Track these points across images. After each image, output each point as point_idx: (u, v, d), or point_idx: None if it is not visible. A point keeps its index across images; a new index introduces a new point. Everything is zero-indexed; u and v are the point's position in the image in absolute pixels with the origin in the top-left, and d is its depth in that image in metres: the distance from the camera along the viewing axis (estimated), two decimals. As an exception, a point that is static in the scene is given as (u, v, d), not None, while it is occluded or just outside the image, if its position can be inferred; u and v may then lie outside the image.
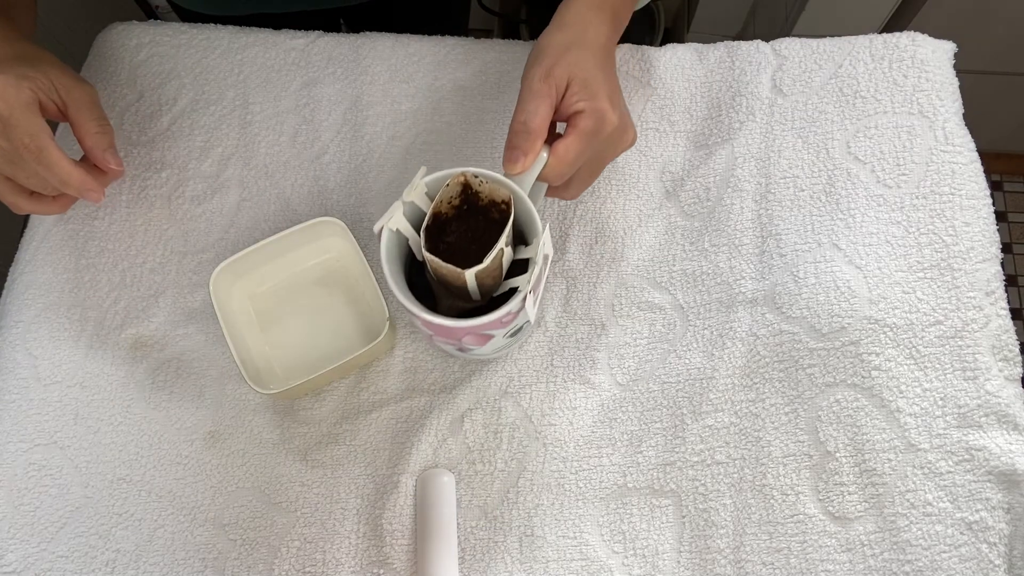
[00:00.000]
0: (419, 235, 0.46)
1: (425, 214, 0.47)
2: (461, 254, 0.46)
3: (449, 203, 0.47)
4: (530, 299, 0.46)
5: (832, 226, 0.58)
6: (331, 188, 0.63)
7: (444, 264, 0.44)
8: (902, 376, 0.54)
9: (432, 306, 0.48)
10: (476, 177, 0.47)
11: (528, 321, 0.53)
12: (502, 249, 0.45)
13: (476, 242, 0.47)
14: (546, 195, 0.52)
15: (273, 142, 0.65)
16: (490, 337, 0.50)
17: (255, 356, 0.57)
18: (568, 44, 0.49)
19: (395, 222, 0.47)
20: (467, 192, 0.48)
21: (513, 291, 0.48)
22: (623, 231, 0.61)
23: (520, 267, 0.49)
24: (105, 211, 0.63)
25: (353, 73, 0.67)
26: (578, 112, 0.48)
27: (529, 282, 0.45)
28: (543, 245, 0.45)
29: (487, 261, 0.44)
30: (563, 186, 0.51)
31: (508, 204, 0.46)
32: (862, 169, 0.60)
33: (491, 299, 0.50)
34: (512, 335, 0.52)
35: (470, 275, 0.45)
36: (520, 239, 0.49)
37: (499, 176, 0.47)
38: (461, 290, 0.47)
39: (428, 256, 0.45)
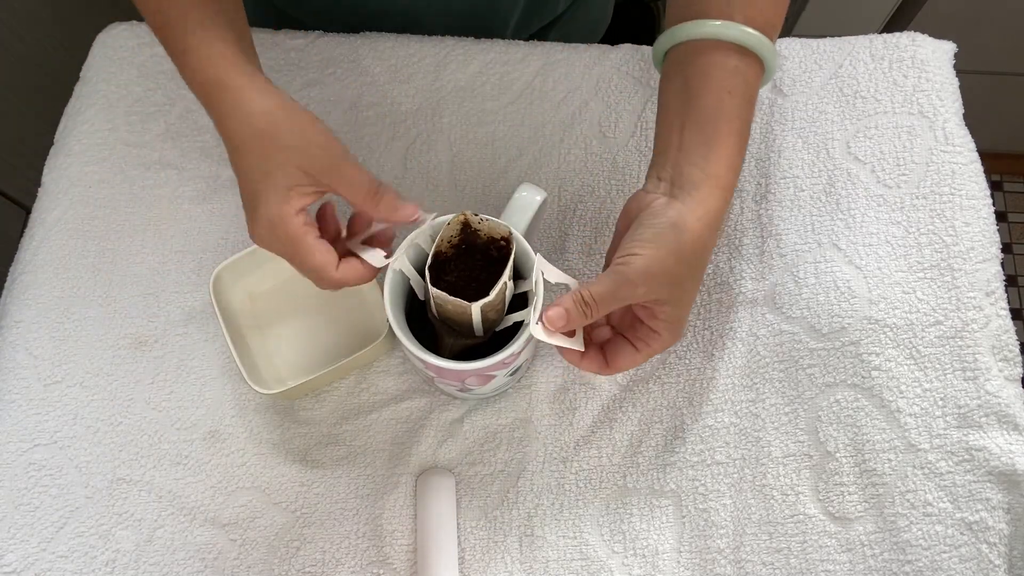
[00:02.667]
0: (421, 274, 0.47)
1: (426, 254, 0.48)
2: (461, 293, 0.46)
3: (449, 242, 0.48)
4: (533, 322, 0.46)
5: (832, 226, 0.58)
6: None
7: (451, 298, 0.44)
8: (902, 376, 0.54)
9: (433, 347, 0.48)
10: (476, 216, 0.47)
11: (527, 360, 0.54)
12: (506, 283, 0.45)
13: (475, 280, 0.48)
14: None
15: (273, 142, 0.65)
16: (492, 377, 0.50)
17: (255, 356, 0.57)
18: (689, 261, 0.44)
19: (399, 263, 0.48)
20: (466, 231, 0.48)
21: (514, 327, 0.48)
22: (623, 231, 0.61)
23: (518, 302, 0.50)
24: (105, 211, 0.63)
25: (353, 73, 0.67)
26: (658, 334, 0.45)
27: (533, 314, 0.45)
28: (538, 280, 0.46)
29: (493, 294, 0.44)
30: (609, 367, 0.47)
31: (508, 240, 0.47)
32: (862, 169, 0.60)
33: (493, 334, 0.50)
34: (511, 374, 0.52)
35: (476, 308, 0.45)
36: (517, 274, 0.50)
37: (497, 220, 0.48)
38: (464, 326, 0.48)
39: (435, 292, 0.45)
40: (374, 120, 0.65)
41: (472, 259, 0.49)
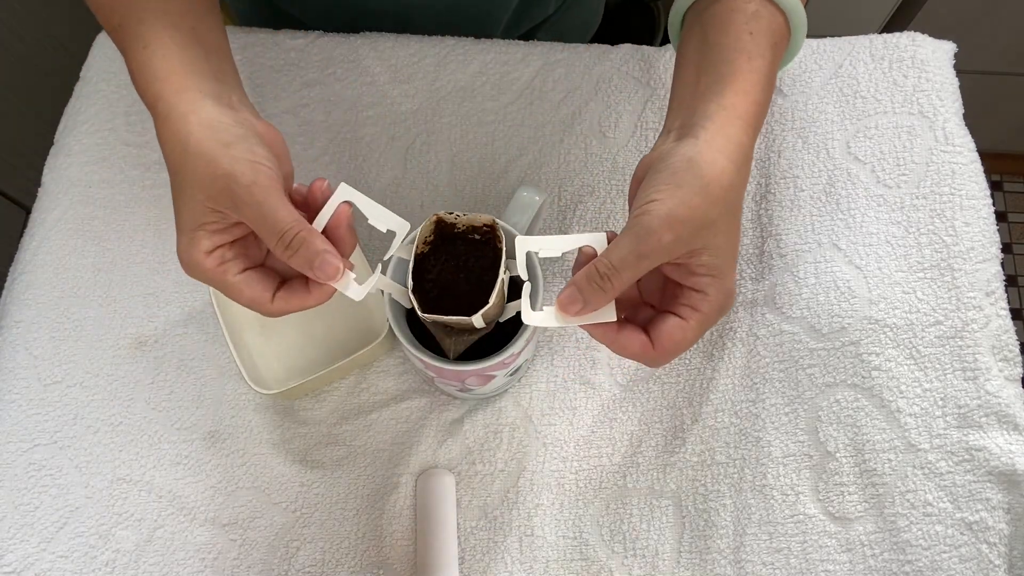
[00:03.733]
0: (407, 291, 0.43)
1: (406, 262, 0.44)
2: (449, 286, 0.43)
3: (424, 242, 0.44)
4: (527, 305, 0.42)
5: (832, 226, 0.58)
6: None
7: (450, 318, 0.42)
8: (902, 376, 0.54)
9: (434, 348, 0.47)
10: (450, 214, 0.44)
11: (527, 360, 0.52)
12: (502, 279, 0.42)
13: (463, 270, 0.45)
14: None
15: (273, 142, 0.65)
16: (492, 377, 0.50)
17: (255, 356, 0.57)
18: (715, 200, 0.38)
19: (383, 285, 0.43)
20: (441, 227, 0.45)
21: (518, 318, 0.48)
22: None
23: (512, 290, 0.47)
24: (105, 211, 0.63)
25: (353, 73, 0.67)
26: (703, 294, 0.39)
27: (524, 303, 0.41)
28: (527, 263, 0.42)
29: (493, 298, 0.41)
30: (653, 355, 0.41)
31: (492, 226, 0.43)
32: (862, 169, 0.60)
33: (494, 340, 0.49)
34: (511, 374, 0.52)
35: (478, 318, 0.42)
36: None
37: (475, 213, 0.45)
38: (464, 328, 0.45)
39: (431, 317, 0.42)
40: (374, 120, 0.65)
41: (453, 246, 0.45)
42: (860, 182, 0.60)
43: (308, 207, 0.42)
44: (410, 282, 0.43)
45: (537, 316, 0.40)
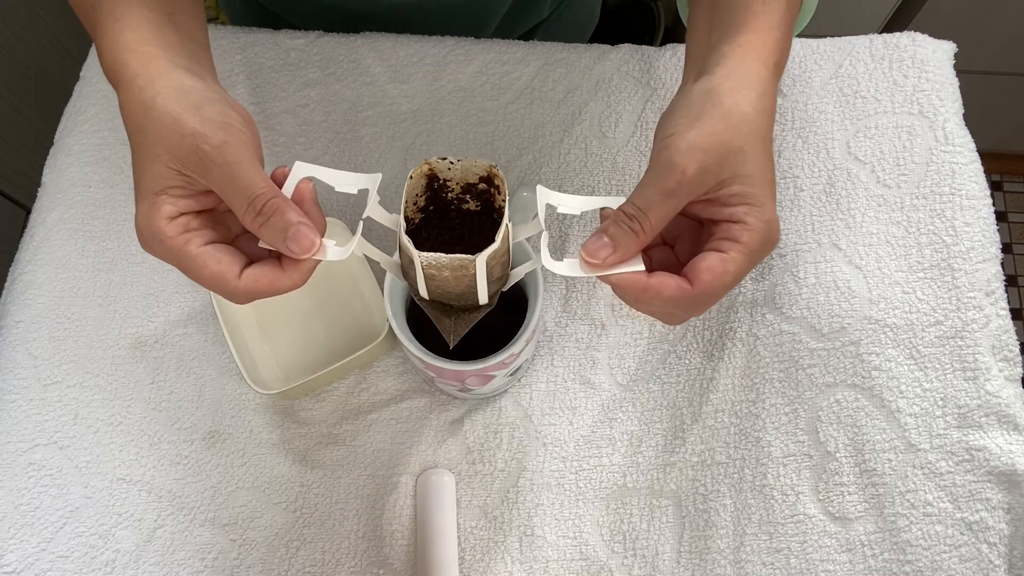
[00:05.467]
0: (403, 239, 0.38)
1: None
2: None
3: (414, 204, 0.39)
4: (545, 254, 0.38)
5: (832, 226, 0.58)
6: (331, 189, 0.63)
7: (447, 258, 0.36)
8: (902, 376, 0.54)
9: (434, 343, 0.47)
10: (443, 160, 0.38)
11: (527, 360, 0.51)
12: (507, 225, 0.37)
13: (459, 243, 0.40)
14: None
15: (272, 142, 0.65)
16: (492, 377, 0.50)
17: (255, 356, 0.57)
18: (739, 127, 0.36)
19: (364, 248, 0.39)
20: (433, 186, 0.40)
21: (519, 312, 0.48)
22: (623, 231, 0.61)
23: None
24: (105, 211, 0.63)
25: (352, 73, 0.67)
26: (741, 223, 0.36)
27: (543, 253, 0.37)
28: (540, 212, 0.38)
29: (498, 240, 0.36)
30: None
31: (490, 177, 0.38)
32: (862, 169, 0.60)
33: (494, 340, 0.47)
34: (511, 374, 0.52)
35: (481, 263, 0.36)
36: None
37: (473, 159, 0.40)
38: (465, 295, 0.39)
39: (425, 256, 0.36)
40: (374, 120, 0.65)
41: (447, 220, 0.40)
42: (860, 182, 0.60)
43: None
44: (402, 221, 0.38)
45: (560, 265, 0.36)
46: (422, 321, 0.51)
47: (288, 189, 0.37)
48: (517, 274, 0.41)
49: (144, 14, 0.39)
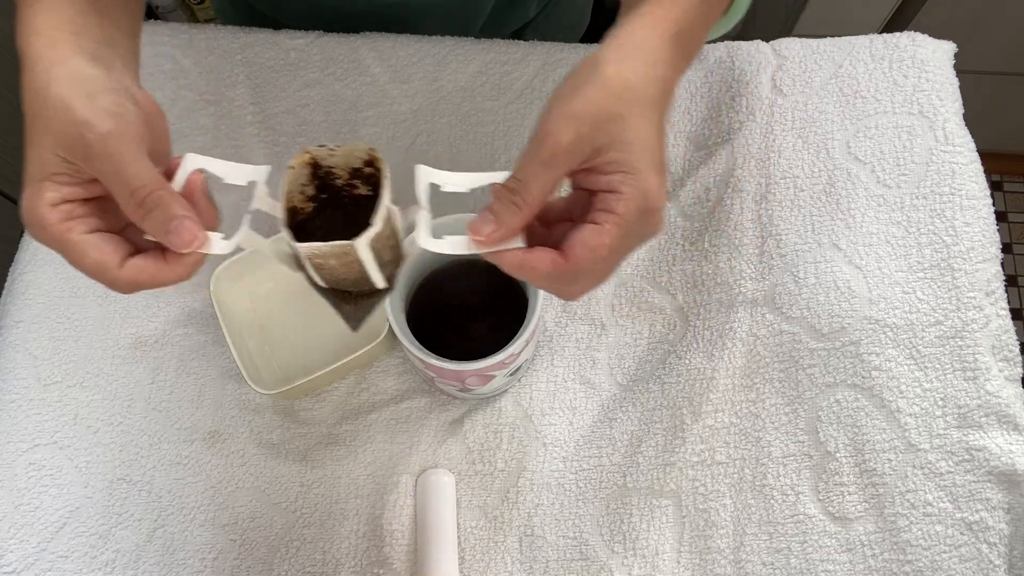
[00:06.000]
0: (285, 239, 0.37)
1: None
2: None
3: (301, 194, 0.38)
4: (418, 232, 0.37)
5: (832, 226, 0.58)
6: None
7: (326, 245, 0.35)
8: (902, 376, 0.54)
9: (433, 347, 0.47)
10: (322, 147, 0.38)
11: (527, 359, 0.51)
12: (388, 206, 0.36)
13: (356, 227, 0.37)
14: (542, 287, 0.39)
15: (273, 142, 0.65)
16: (492, 377, 0.50)
17: (255, 356, 0.57)
18: (619, 95, 0.36)
19: (243, 240, 0.38)
20: (319, 174, 0.39)
21: (516, 322, 0.48)
22: (623, 231, 0.61)
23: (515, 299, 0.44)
24: (105, 211, 0.63)
25: (352, 73, 0.67)
26: (616, 193, 0.35)
27: (420, 230, 0.37)
28: (422, 193, 0.38)
29: (378, 222, 0.35)
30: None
31: (374, 158, 0.38)
32: (862, 169, 0.60)
33: (494, 340, 0.47)
34: (511, 374, 0.52)
35: (363, 246, 0.35)
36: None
37: (354, 142, 0.38)
38: (360, 279, 0.38)
39: (305, 247, 0.36)
40: (374, 120, 0.65)
41: (342, 207, 0.40)
42: (860, 182, 0.60)
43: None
44: (282, 214, 0.37)
45: (439, 243, 0.36)
46: (422, 321, 0.51)
47: (178, 181, 0.37)
48: (409, 252, 0.40)
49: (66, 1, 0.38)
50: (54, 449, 0.57)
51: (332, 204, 0.39)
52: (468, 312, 0.56)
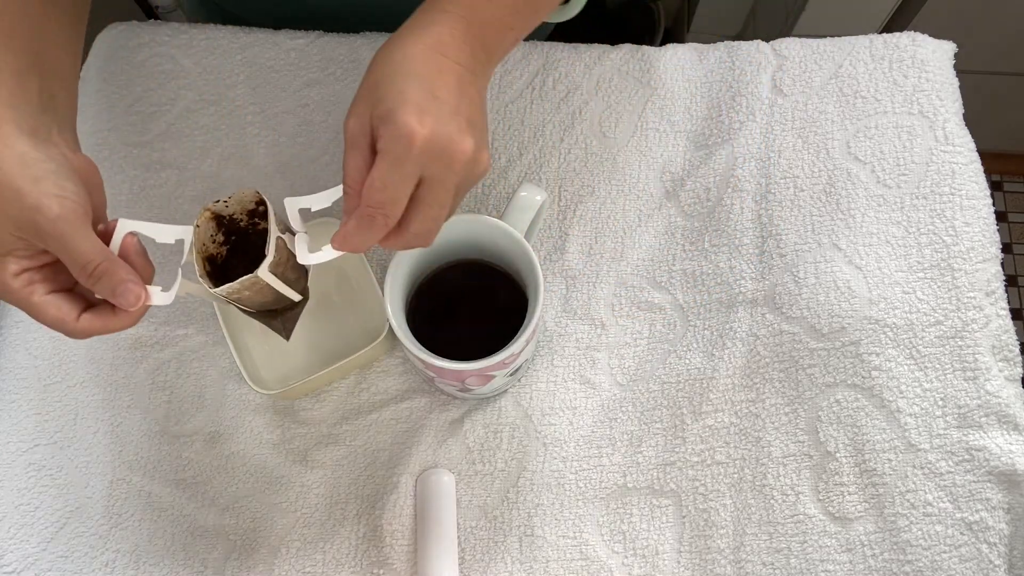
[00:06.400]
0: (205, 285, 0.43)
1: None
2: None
3: (214, 242, 0.45)
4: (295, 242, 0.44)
5: (832, 226, 0.58)
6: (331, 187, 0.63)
7: (236, 283, 0.42)
8: (902, 376, 0.54)
9: (433, 347, 0.47)
10: (217, 202, 0.44)
11: (527, 360, 0.52)
12: (279, 236, 0.43)
13: (262, 258, 0.44)
14: (386, 245, 0.43)
15: (273, 143, 0.65)
16: (492, 377, 0.50)
17: (255, 356, 0.57)
18: (387, 61, 0.41)
19: (187, 289, 0.44)
20: (224, 222, 0.45)
21: (515, 326, 0.48)
22: (623, 231, 0.61)
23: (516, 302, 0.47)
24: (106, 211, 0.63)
25: (352, 74, 0.67)
26: (380, 139, 0.39)
27: (298, 246, 0.43)
28: (294, 218, 0.44)
29: (270, 253, 0.42)
30: (400, 228, 0.41)
31: (260, 200, 0.44)
32: (862, 169, 0.60)
33: (494, 340, 0.48)
34: (511, 374, 0.52)
35: (265, 274, 0.42)
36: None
37: (243, 191, 0.45)
38: (278, 299, 0.45)
39: (220, 290, 0.42)
40: (374, 120, 0.65)
41: (248, 243, 0.46)
42: (860, 182, 0.60)
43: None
44: (196, 266, 0.44)
45: (317, 255, 0.43)
46: (422, 321, 0.51)
47: (115, 244, 0.43)
48: (313, 260, 0.45)
49: (6, 62, 0.43)
50: (54, 449, 0.57)
51: (243, 243, 0.46)
52: (468, 312, 0.56)
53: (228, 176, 0.64)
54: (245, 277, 0.42)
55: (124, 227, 0.44)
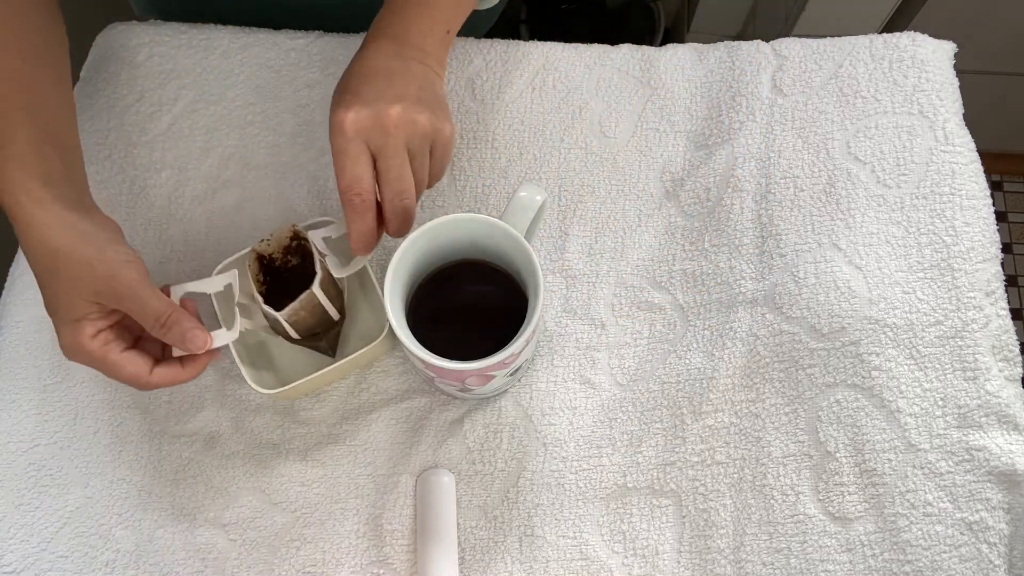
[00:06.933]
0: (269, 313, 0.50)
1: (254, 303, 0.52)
2: (301, 321, 0.52)
3: (258, 281, 0.52)
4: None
5: (832, 226, 0.58)
6: (331, 188, 0.63)
7: (296, 301, 0.49)
8: (902, 376, 0.54)
9: (433, 347, 0.48)
10: (261, 242, 0.51)
11: (527, 360, 0.53)
12: (323, 255, 0.51)
13: (297, 294, 0.51)
14: (388, 231, 0.50)
15: (273, 142, 0.65)
16: (492, 377, 0.50)
17: (255, 356, 0.57)
18: (350, 70, 0.50)
19: (240, 327, 0.51)
20: (263, 263, 0.53)
21: (514, 333, 0.48)
22: (623, 231, 0.61)
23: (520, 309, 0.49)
24: (105, 211, 0.62)
25: (353, 73, 0.67)
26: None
27: (321, 264, 0.51)
28: (317, 248, 0.51)
29: (319, 270, 0.50)
30: (382, 209, 0.49)
31: (296, 234, 0.52)
32: (862, 169, 0.60)
33: (494, 340, 0.49)
34: (511, 374, 0.52)
35: (317, 290, 0.49)
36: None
37: (279, 228, 0.53)
38: (324, 320, 0.52)
39: (285, 311, 0.50)
40: (374, 120, 0.65)
41: (283, 284, 0.52)
42: (860, 182, 0.60)
43: None
44: (258, 296, 0.51)
45: (346, 268, 0.51)
46: (422, 321, 0.51)
47: (175, 300, 0.50)
48: (342, 283, 0.55)
49: (26, 137, 0.47)
50: (54, 449, 0.57)
51: (276, 285, 0.53)
52: (468, 312, 0.56)
53: (228, 176, 0.64)
54: (302, 295, 0.48)
55: (178, 292, 0.50)
